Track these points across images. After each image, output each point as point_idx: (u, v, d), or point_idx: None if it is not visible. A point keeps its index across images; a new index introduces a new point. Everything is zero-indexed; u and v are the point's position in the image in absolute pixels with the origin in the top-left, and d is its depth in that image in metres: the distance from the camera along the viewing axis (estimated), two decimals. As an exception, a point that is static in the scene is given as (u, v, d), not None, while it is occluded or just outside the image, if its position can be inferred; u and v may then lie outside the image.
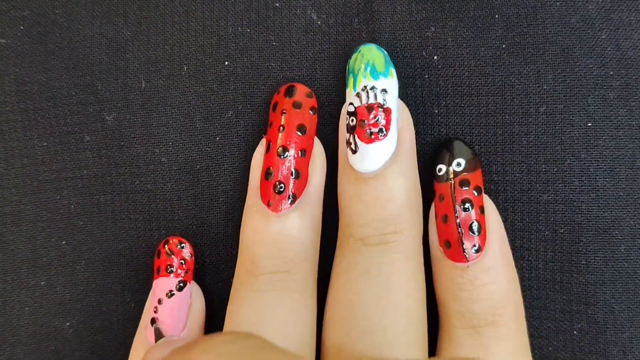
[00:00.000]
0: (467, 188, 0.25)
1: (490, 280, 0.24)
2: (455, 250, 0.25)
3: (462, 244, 0.25)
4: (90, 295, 0.29)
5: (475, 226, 0.25)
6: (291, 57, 0.28)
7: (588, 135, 0.27)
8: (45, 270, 0.29)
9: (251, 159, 0.27)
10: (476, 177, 0.25)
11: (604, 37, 0.27)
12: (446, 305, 0.25)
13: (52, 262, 0.29)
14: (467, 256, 0.24)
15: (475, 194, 0.25)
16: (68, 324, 0.29)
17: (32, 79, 0.29)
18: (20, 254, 0.29)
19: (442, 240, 0.25)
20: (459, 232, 0.25)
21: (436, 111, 0.27)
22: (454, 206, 0.25)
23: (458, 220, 0.25)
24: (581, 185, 0.27)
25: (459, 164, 0.26)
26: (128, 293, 0.29)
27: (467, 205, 0.25)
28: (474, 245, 0.25)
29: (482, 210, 0.25)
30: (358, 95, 0.25)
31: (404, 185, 0.25)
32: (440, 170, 0.26)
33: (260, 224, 0.25)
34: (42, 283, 0.29)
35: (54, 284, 0.29)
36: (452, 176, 0.25)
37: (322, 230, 0.27)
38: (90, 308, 0.29)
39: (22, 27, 0.29)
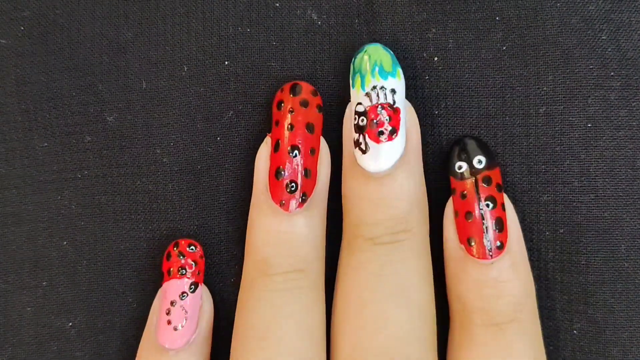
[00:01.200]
0: (489, 185, 0.25)
1: (513, 276, 0.25)
2: (480, 247, 0.25)
3: (488, 240, 0.25)
4: (92, 296, 0.29)
5: (499, 223, 0.25)
6: (291, 57, 0.28)
7: (588, 136, 0.27)
8: (47, 270, 0.29)
9: (252, 159, 0.27)
10: (496, 174, 0.26)
11: (604, 38, 0.27)
12: (467, 303, 0.25)
13: (53, 262, 0.29)
14: (491, 253, 0.25)
15: (497, 190, 0.25)
16: (70, 324, 0.29)
17: (32, 79, 0.29)
18: (21, 254, 0.29)
19: (464, 238, 0.25)
20: (484, 229, 0.25)
21: (436, 112, 0.27)
22: (479, 203, 0.25)
23: (484, 218, 0.25)
24: (581, 186, 0.27)
25: (480, 161, 0.26)
26: (130, 293, 0.29)
27: (490, 202, 0.25)
28: (498, 242, 0.25)
29: (503, 207, 0.25)
30: (368, 95, 0.25)
31: (413, 184, 0.25)
32: (460, 167, 0.26)
33: (271, 223, 0.25)
34: (43, 283, 0.29)
35: (56, 285, 0.29)
36: (474, 173, 0.26)
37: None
38: (92, 308, 0.29)
39: (22, 28, 0.29)
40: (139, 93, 0.28)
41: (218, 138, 0.28)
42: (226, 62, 0.28)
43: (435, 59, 0.27)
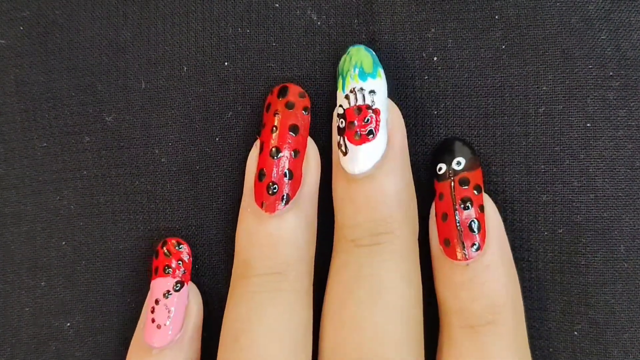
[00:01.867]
0: (466, 187, 0.25)
1: (489, 278, 0.25)
2: (454, 248, 0.25)
3: (462, 242, 0.25)
4: (90, 296, 0.29)
5: (474, 224, 0.25)
6: (291, 58, 0.28)
7: (587, 136, 0.27)
8: (46, 270, 0.29)
9: (249, 161, 0.27)
10: (476, 176, 0.26)
11: (603, 37, 0.27)
12: (446, 304, 0.25)
13: (52, 262, 0.29)
14: (466, 254, 0.25)
15: (475, 192, 0.25)
16: (69, 324, 0.29)
17: (32, 79, 0.29)
18: (20, 254, 0.29)
19: (441, 239, 0.25)
20: (458, 230, 0.25)
21: (435, 112, 0.27)
22: (454, 204, 0.25)
23: (457, 219, 0.25)
24: (580, 186, 0.27)
25: (458, 163, 0.26)
26: (128, 293, 0.29)
27: (466, 203, 0.25)
28: (474, 244, 0.25)
29: (481, 208, 0.25)
30: (347, 97, 0.25)
31: (395, 185, 0.25)
32: (440, 169, 0.26)
33: (254, 225, 0.26)
34: (42, 283, 0.29)
35: (55, 285, 0.29)
36: (452, 175, 0.26)
37: (321, 231, 0.27)
38: (90, 308, 0.29)
39: (22, 28, 0.29)
40: (138, 93, 0.28)
41: (217, 139, 0.28)
42: (226, 63, 0.28)
43: (435, 58, 0.27)
